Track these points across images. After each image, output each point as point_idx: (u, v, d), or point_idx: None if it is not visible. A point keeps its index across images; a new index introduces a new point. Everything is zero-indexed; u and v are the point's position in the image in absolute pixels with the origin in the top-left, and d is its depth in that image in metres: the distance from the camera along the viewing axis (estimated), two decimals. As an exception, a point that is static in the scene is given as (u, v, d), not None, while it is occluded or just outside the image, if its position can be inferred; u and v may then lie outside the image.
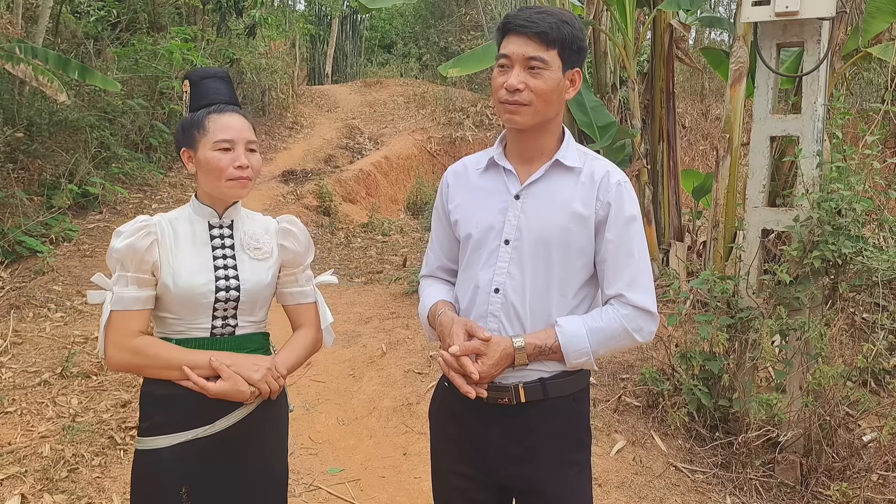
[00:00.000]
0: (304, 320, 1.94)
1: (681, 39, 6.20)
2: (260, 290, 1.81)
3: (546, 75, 1.58)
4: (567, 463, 1.70)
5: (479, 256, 1.70)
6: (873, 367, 3.02)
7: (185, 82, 1.85)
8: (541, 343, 1.62)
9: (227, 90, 1.82)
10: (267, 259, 1.84)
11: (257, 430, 1.79)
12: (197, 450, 1.71)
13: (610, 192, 1.64)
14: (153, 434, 1.72)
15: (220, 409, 1.72)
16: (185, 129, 1.78)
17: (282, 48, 13.60)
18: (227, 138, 1.73)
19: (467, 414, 1.72)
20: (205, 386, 1.68)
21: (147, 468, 1.73)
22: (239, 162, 1.73)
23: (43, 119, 7.45)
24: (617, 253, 1.64)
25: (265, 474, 1.83)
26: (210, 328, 1.76)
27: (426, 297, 1.84)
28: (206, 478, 1.72)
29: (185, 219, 1.80)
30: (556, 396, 1.66)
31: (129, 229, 1.72)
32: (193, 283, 1.71)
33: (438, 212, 1.85)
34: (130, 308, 1.69)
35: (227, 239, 1.81)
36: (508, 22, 1.61)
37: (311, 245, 1.96)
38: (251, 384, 1.72)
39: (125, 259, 1.69)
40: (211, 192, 1.78)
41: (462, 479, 1.76)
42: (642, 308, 1.64)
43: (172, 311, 1.74)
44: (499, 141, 1.77)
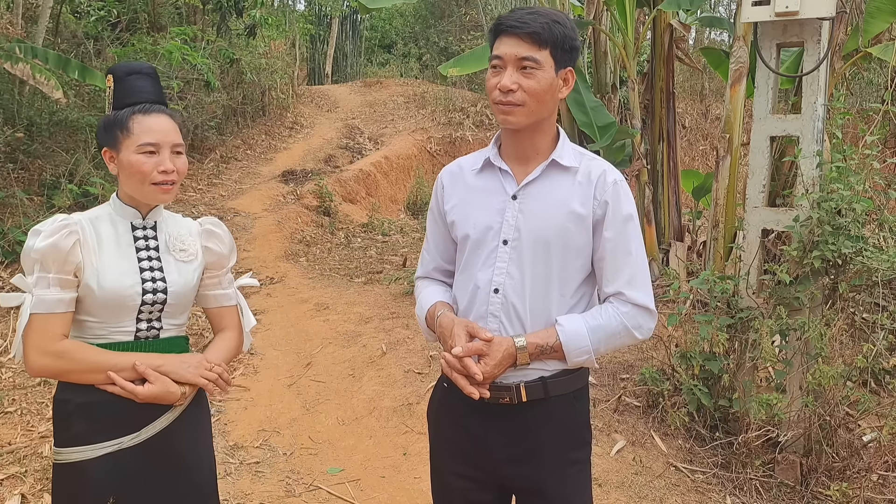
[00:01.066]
0: (227, 323, 1.91)
1: (681, 39, 6.20)
2: (186, 292, 1.77)
3: (539, 75, 1.59)
4: (568, 461, 1.71)
5: (477, 257, 1.70)
6: (873, 367, 3.02)
7: (108, 77, 1.77)
8: (542, 342, 1.62)
9: (153, 88, 1.75)
10: (192, 261, 1.80)
11: (182, 437, 1.74)
12: (122, 459, 1.64)
13: (607, 191, 1.65)
14: (74, 444, 1.64)
15: (147, 414, 1.67)
16: (107, 127, 1.71)
17: (282, 48, 13.60)
18: (151, 141, 1.67)
19: (467, 414, 1.72)
20: (133, 390, 1.62)
21: (71, 483, 1.65)
22: (164, 167, 1.68)
23: (43, 119, 7.45)
24: (615, 251, 1.65)
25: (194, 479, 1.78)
26: (134, 331, 1.70)
27: (423, 298, 1.84)
28: (134, 488, 1.66)
29: (107, 219, 1.74)
30: (557, 395, 1.67)
31: (48, 228, 1.64)
32: (120, 285, 1.66)
33: (434, 213, 1.85)
34: (53, 311, 1.61)
35: (151, 240, 1.76)
36: (500, 23, 1.62)
37: (234, 247, 1.93)
38: (185, 382, 1.68)
39: (46, 259, 1.62)
40: (134, 195, 1.73)
41: (463, 480, 1.76)
42: (641, 306, 1.66)
43: (94, 315, 1.67)
44: (494, 141, 1.77)
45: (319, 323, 5.33)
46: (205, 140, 10.40)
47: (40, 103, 7.48)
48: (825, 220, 3.01)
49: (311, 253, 7.81)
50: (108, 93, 1.77)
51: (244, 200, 8.67)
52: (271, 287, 6.32)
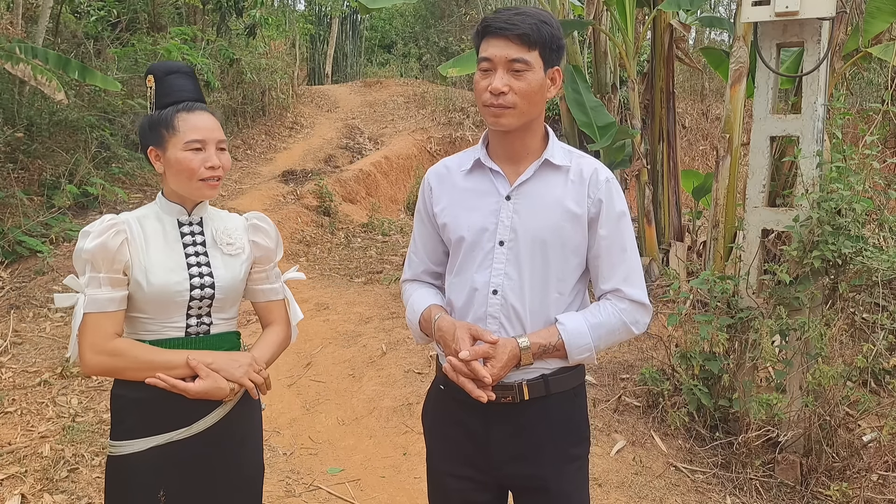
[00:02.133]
0: (276, 317, 1.93)
1: (681, 39, 6.20)
2: (234, 286, 1.79)
3: (529, 76, 1.58)
4: (569, 457, 1.72)
5: (473, 259, 1.70)
6: (873, 367, 3.02)
7: (148, 77, 1.79)
8: (545, 342, 1.63)
9: (193, 86, 1.78)
10: (240, 255, 1.82)
11: (233, 431, 1.77)
12: (173, 453, 1.68)
13: (600, 189, 1.67)
14: (127, 438, 1.68)
15: (198, 410, 1.70)
16: (152, 126, 1.73)
17: (282, 48, 13.60)
18: (198, 138, 1.69)
19: (466, 415, 1.72)
20: (185, 387, 1.65)
21: (122, 474, 1.69)
22: (210, 162, 1.70)
23: (43, 119, 7.45)
24: (610, 249, 1.67)
25: (242, 474, 1.81)
26: (185, 327, 1.73)
27: (415, 301, 1.82)
28: (183, 481, 1.69)
29: (153, 216, 1.76)
30: (558, 392, 1.68)
31: (97, 228, 1.67)
32: (167, 281, 1.68)
33: (421, 214, 1.83)
34: (105, 309, 1.65)
35: (197, 236, 1.78)
36: (488, 25, 1.60)
37: (281, 241, 1.95)
38: (233, 381, 1.70)
39: (96, 259, 1.65)
40: (180, 192, 1.75)
41: (461, 482, 1.76)
42: (638, 301, 1.68)
43: (145, 311, 1.71)
44: (482, 141, 1.76)
45: (319, 323, 5.34)
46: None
47: (40, 103, 7.48)
48: (825, 220, 3.01)
49: (311, 253, 7.81)
50: (149, 93, 1.78)
51: (244, 200, 8.66)
52: (271, 287, 6.30)
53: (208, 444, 1.72)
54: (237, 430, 1.79)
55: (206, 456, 1.72)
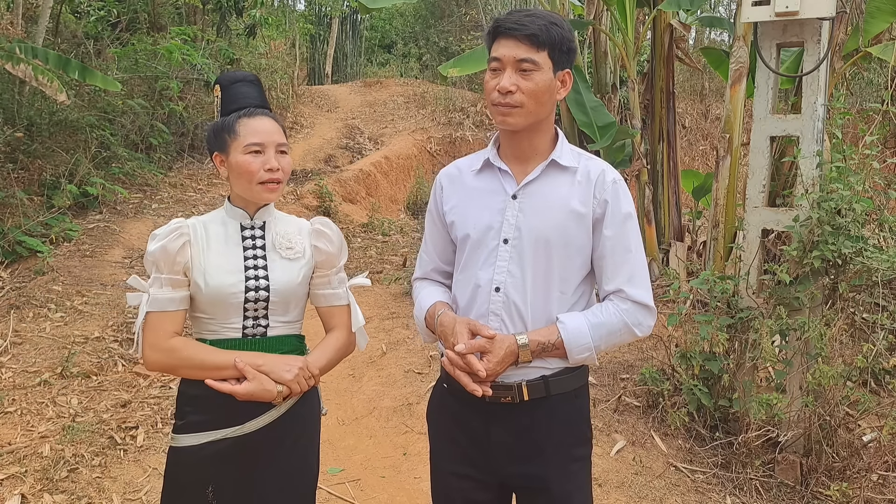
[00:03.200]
0: (337, 322, 1.95)
1: (681, 39, 6.20)
2: (291, 289, 1.82)
3: (537, 77, 1.60)
4: (571, 458, 1.72)
5: (477, 256, 1.71)
6: (873, 367, 3.02)
7: (215, 87, 1.87)
8: (544, 340, 1.63)
9: (257, 94, 1.84)
10: (299, 259, 1.85)
11: (287, 433, 1.80)
12: (225, 450, 1.73)
13: (607, 189, 1.67)
14: (185, 432, 1.75)
15: (251, 410, 1.74)
16: (216, 133, 1.81)
17: (282, 48, 13.60)
18: (257, 142, 1.75)
19: (468, 414, 1.73)
20: (231, 390, 1.70)
21: (176, 465, 1.76)
22: (269, 165, 1.75)
23: (43, 119, 7.44)
24: (615, 249, 1.67)
25: (292, 477, 1.83)
26: (241, 328, 1.78)
27: (422, 298, 1.84)
28: (234, 478, 1.74)
29: (219, 220, 1.83)
30: (559, 393, 1.68)
31: (162, 232, 1.75)
32: (223, 282, 1.74)
33: (432, 214, 1.86)
34: (165, 309, 1.72)
35: (258, 240, 1.83)
36: (498, 25, 1.63)
37: (345, 246, 1.97)
38: (283, 383, 1.74)
39: (159, 261, 1.72)
40: (242, 195, 1.81)
41: (463, 481, 1.76)
42: (641, 303, 1.67)
43: (205, 311, 1.77)
44: (492, 142, 1.78)
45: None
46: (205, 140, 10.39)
47: (40, 103, 7.47)
48: (825, 220, 3.01)
49: (311, 253, 7.80)
50: (216, 102, 1.87)
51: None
52: (271, 287, 6.31)
53: (260, 444, 1.76)
54: (291, 432, 1.81)
55: (257, 456, 1.76)
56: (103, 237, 6.89)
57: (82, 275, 5.92)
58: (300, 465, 1.85)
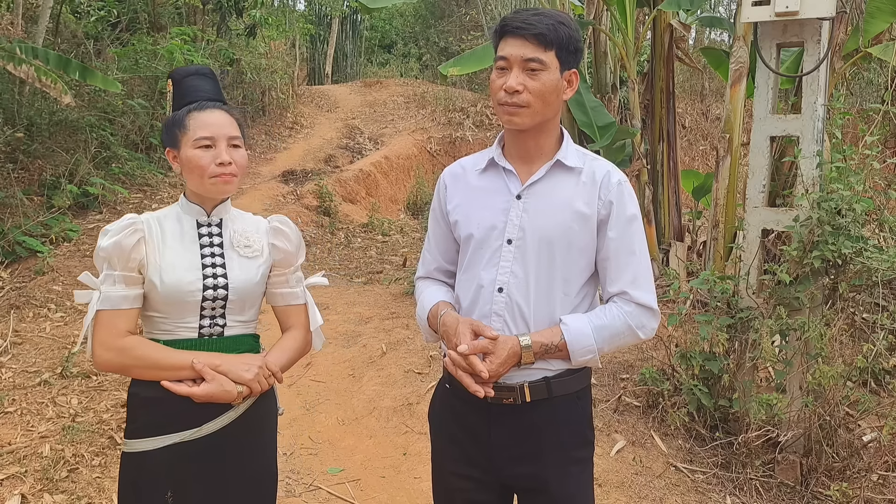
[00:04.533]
0: (294, 322, 1.91)
1: (681, 39, 6.20)
2: (249, 288, 1.78)
3: (544, 76, 1.59)
4: (572, 461, 1.71)
5: (481, 256, 1.70)
6: (873, 367, 3.02)
7: (168, 81, 1.81)
8: (547, 341, 1.63)
9: (210, 87, 1.79)
10: (257, 257, 1.81)
11: (245, 434, 1.76)
12: (183, 453, 1.68)
13: (611, 191, 1.66)
14: (139, 436, 1.69)
15: (209, 412, 1.69)
16: (168, 128, 1.76)
17: (282, 48, 13.60)
18: (206, 135, 1.70)
19: (470, 415, 1.72)
20: (189, 392, 1.65)
21: (132, 471, 1.71)
22: (220, 159, 1.70)
23: (43, 119, 7.45)
24: (619, 251, 1.66)
25: (252, 478, 1.80)
26: (198, 328, 1.73)
27: (425, 298, 1.84)
28: (192, 482, 1.69)
29: (174, 217, 1.78)
30: (561, 395, 1.68)
31: (115, 227, 1.69)
32: (181, 280, 1.69)
33: (436, 213, 1.85)
34: (118, 307, 1.66)
35: (215, 237, 1.78)
36: (506, 24, 1.62)
37: (303, 245, 1.94)
38: (242, 383, 1.70)
39: (112, 257, 1.67)
40: (196, 190, 1.76)
41: (464, 481, 1.76)
42: (645, 305, 1.67)
43: (160, 310, 1.71)
44: (497, 141, 1.77)
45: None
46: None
47: (40, 103, 7.48)
48: (825, 220, 3.01)
49: (311, 253, 7.81)
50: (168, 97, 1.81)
51: (244, 200, 8.67)
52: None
53: (219, 446, 1.72)
54: (250, 433, 1.78)
55: (217, 458, 1.72)
56: (103, 237, 6.88)
57: (82, 275, 5.91)
58: (260, 465, 1.83)
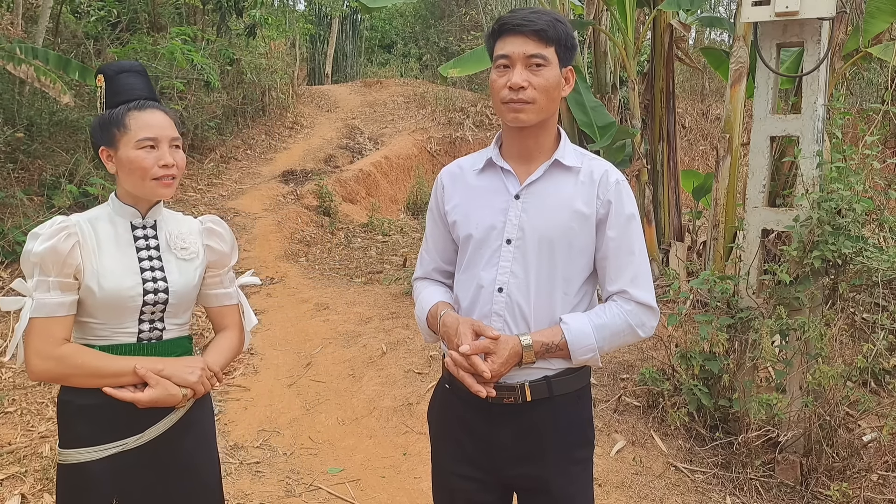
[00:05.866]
0: (229, 322, 1.90)
1: (681, 39, 6.20)
2: (188, 291, 1.76)
3: (547, 72, 1.61)
4: (573, 460, 1.72)
5: (480, 256, 1.70)
6: (873, 367, 3.02)
7: (98, 77, 1.75)
8: (548, 340, 1.63)
9: (144, 85, 1.74)
10: (194, 259, 1.79)
11: (186, 437, 1.74)
12: (126, 460, 1.64)
13: (610, 190, 1.67)
14: (77, 446, 1.63)
15: (149, 416, 1.66)
16: (103, 126, 1.69)
17: (282, 48, 13.60)
18: (150, 136, 1.65)
19: (470, 415, 1.73)
20: (133, 398, 1.61)
21: (73, 483, 1.65)
22: (164, 161, 1.66)
23: (43, 119, 7.45)
24: (618, 251, 1.67)
25: (197, 481, 1.78)
26: (137, 333, 1.69)
27: (424, 298, 1.84)
28: (137, 489, 1.66)
29: (106, 218, 1.71)
30: (561, 394, 1.68)
31: (47, 231, 1.62)
32: (120, 285, 1.64)
33: (434, 213, 1.85)
34: (54, 314, 1.60)
35: (151, 240, 1.74)
36: (505, 23, 1.62)
37: (236, 245, 1.92)
38: (187, 386, 1.67)
39: (45, 262, 1.60)
40: (134, 192, 1.71)
41: (465, 481, 1.76)
42: (645, 304, 1.68)
43: (96, 316, 1.66)
44: (495, 141, 1.77)
45: (319, 323, 5.34)
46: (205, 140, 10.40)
47: (40, 103, 7.48)
48: (825, 220, 3.01)
49: (311, 253, 7.81)
50: (98, 93, 1.75)
51: (244, 200, 8.67)
52: (271, 287, 6.32)
53: (162, 451, 1.69)
54: (190, 436, 1.75)
55: (161, 462, 1.69)
56: (103, 237, 6.88)
57: (82, 275, 5.91)
58: (203, 468, 1.80)
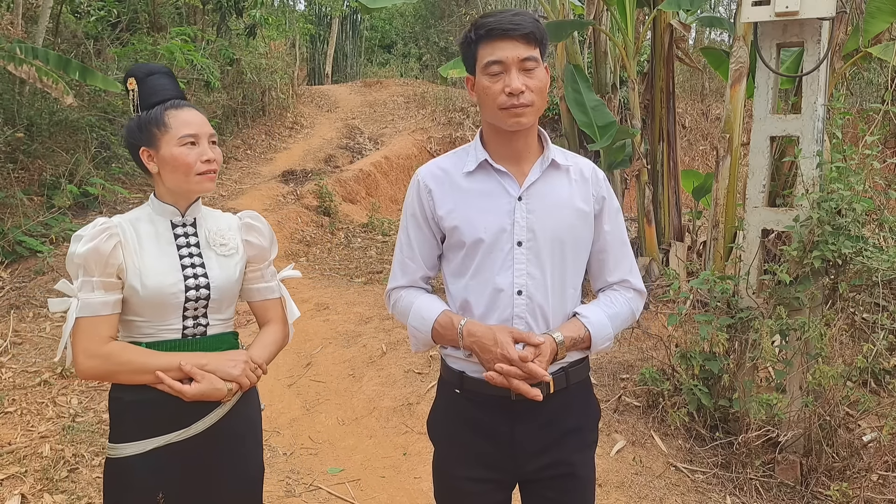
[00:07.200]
0: (272, 315, 1.93)
1: (681, 39, 6.20)
2: (229, 286, 1.79)
3: (539, 73, 1.63)
4: (588, 443, 1.82)
5: (492, 260, 1.68)
6: (873, 367, 3.02)
7: (129, 80, 1.78)
8: (575, 335, 1.69)
9: (174, 86, 1.79)
10: (233, 255, 1.82)
11: (233, 431, 1.77)
12: (172, 454, 1.68)
13: (602, 187, 1.77)
14: (125, 441, 1.68)
15: (196, 411, 1.70)
16: (141, 127, 1.73)
17: (282, 48, 13.60)
18: (191, 133, 1.70)
19: (488, 417, 1.72)
20: (180, 389, 1.64)
21: (121, 476, 1.69)
22: (206, 156, 1.72)
23: (43, 119, 7.45)
24: (615, 243, 1.79)
25: (242, 475, 1.81)
26: (181, 329, 1.73)
27: (422, 307, 1.78)
28: (182, 482, 1.70)
29: (146, 219, 1.75)
30: (576, 382, 1.75)
31: (89, 232, 1.66)
32: (162, 283, 1.68)
33: (418, 219, 1.77)
34: (99, 313, 1.64)
35: (191, 237, 1.78)
36: (491, 28, 1.59)
37: (275, 239, 1.94)
38: (231, 380, 1.70)
39: (89, 263, 1.64)
40: (177, 189, 1.74)
41: (480, 485, 1.75)
42: (641, 290, 1.83)
43: (141, 314, 1.70)
44: (479, 142, 1.74)
45: (319, 323, 5.34)
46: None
47: (40, 103, 7.48)
48: (825, 220, 3.01)
49: (311, 253, 7.81)
50: (132, 96, 1.78)
51: (244, 200, 8.66)
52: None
53: (207, 445, 1.72)
54: (236, 431, 1.79)
55: (206, 457, 1.72)
56: (103, 237, 6.88)
57: (82, 275, 5.91)
58: (248, 462, 1.83)
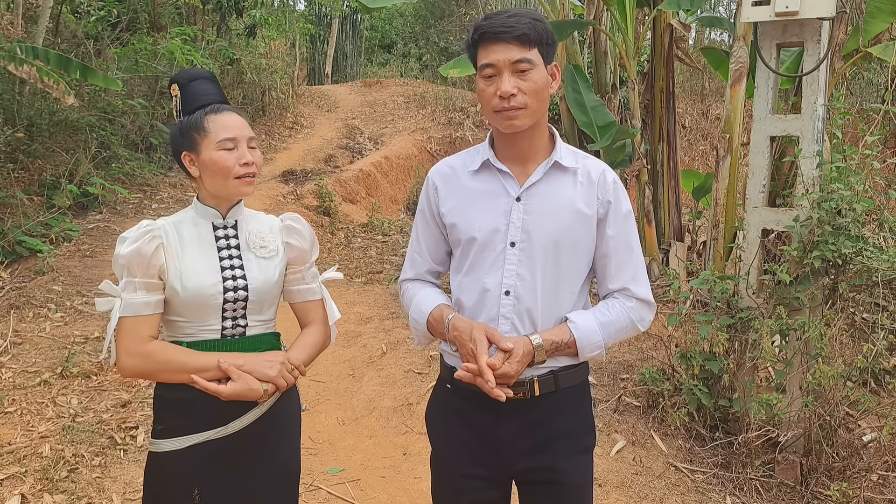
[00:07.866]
0: (313, 317, 1.95)
1: (681, 39, 6.20)
2: (268, 288, 1.82)
3: (534, 75, 1.61)
4: (580, 449, 1.76)
5: (484, 259, 1.70)
6: (873, 367, 3.02)
7: (173, 86, 1.82)
8: (557, 339, 1.66)
9: (216, 90, 1.82)
10: (273, 257, 1.85)
11: (270, 431, 1.80)
12: (209, 451, 1.71)
13: (609, 190, 1.71)
14: (165, 437, 1.73)
15: (234, 410, 1.73)
16: (183, 132, 1.77)
17: (282, 48, 13.61)
18: (230, 136, 1.73)
19: (476, 413, 1.73)
20: (217, 389, 1.68)
21: (159, 471, 1.74)
22: (245, 159, 1.74)
23: (43, 119, 7.45)
24: (618, 249, 1.71)
25: (277, 475, 1.83)
26: (220, 329, 1.76)
27: (421, 300, 1.82)
28: (219, 479, 1.73)
29: (189, 221, 1.80)
30: (567, 387, 1.72)
31: (133, 234, 1.71)
32: (202, 284, 1.71)
33: (426, 214, 1.83)
34: (140, 313, 1.69)
35: (232, 239, 1.81)
36: (484, 31, 1.61)
37: (316, 241, 1.97)
38: (267, 380, 1.73)
39: (132, 264, 1.69)
40: (217, 193, 1.78)
41: (472, 481, 1.76)
42: (644, 300, 1.74)
43: (182, 315, 1.74)
44: (488, 142, 1.76)
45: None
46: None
47: (40, 103, 7.48)
48: (825, 220, 3.01)
49: (311, 253, 7.80)
50: (174, 101, 1.82)
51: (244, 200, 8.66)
52: (271, 287, 6.31)
53: (244, 444, 1.75)
54: (274, 430, 1.81)
55: (242, 455, 1.75)
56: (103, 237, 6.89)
57: (82, 275, 5.92)
58: (284, 462, 1.85)
